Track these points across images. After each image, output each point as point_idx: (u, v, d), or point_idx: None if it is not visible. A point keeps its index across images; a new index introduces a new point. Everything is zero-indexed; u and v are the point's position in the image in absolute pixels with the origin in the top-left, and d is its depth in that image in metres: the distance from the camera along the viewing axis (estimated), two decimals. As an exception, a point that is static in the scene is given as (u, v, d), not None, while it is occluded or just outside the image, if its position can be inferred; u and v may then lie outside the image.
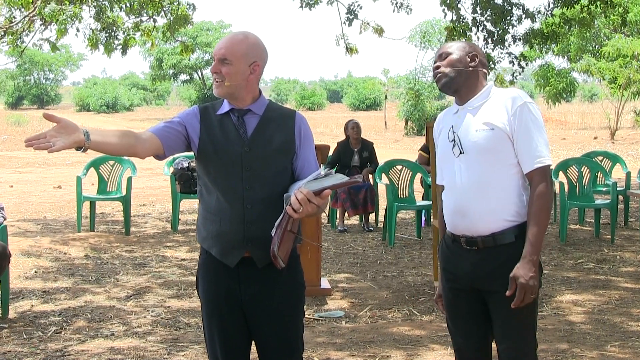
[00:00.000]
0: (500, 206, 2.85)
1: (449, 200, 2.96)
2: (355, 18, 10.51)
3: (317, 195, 2.61)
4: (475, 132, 2.86)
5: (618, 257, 7.62)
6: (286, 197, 2.70)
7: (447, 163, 2.96)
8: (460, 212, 2.90)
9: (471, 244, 2.90)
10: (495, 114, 2.85)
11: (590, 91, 60.86)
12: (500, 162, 2.85)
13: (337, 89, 76.60)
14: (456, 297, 3.00)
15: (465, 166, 2.88)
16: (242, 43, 2.80)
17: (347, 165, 9.31)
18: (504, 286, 2.83)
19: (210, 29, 50.98)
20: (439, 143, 3.05)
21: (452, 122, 2.96)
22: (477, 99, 2.92)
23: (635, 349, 4.80)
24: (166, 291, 6.34)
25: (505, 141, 2.83)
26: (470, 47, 2.98)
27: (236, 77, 2.79)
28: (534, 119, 2.84)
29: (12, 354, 4.71)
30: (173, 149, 2.84)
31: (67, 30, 10.13)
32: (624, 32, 26.43)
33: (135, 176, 9.26)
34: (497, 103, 2.87)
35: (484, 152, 2.84)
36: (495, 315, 2.91)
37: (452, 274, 2.99)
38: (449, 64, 2.92)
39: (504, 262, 2.85)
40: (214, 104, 2.91)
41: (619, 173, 10.64)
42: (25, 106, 62.12)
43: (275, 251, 2.68)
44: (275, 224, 2.69)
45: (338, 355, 4.71)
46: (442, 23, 27.69)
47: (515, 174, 2.86)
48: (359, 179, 2.74)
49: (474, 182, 2.86)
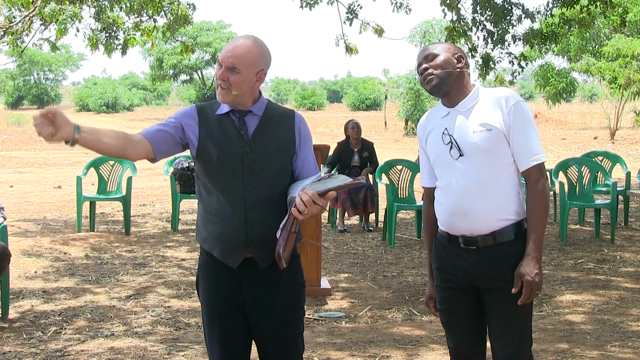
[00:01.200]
0: (500, 205, 2.87)
1: (446, 201, 2.95)
2: (356, 18, 10.50)
3: (322, 196, 2.63)
4: (473, 133, 2.86)
5: (618, 257, 7.62)
6: (290, 198, 2.71)
7: (444, 165, 2.95)
8: (460, 213, 2.89)
9: (470, 243, 2.91)
10: (490, 114, 2.86)
11: (590, 91, 60.89)
12: (499, 162, 2.86)
13: (337, 89, 76.66)
14: (453, 296, 3.00)
15: (464, 167, 2.88)
16: (251, 51, 2.77)
17: (347, 165, 9.31)
18: (504, 283, 2.85)
19: (210, 29, 51.02)
20: (430, 146, 3.02)
21: (444, 125, 2.95)
22: (468, 100, 2.92)
23: (635, 349, 4.80)
24: (166, 291, 6.34)
25: (502, 141, 2.85)
26: (455, 48, 2.99)
27: (243, 85, 2.77)
28: (527, 117, 2.87)
29: (12, 354, 4.71)
30: (164, 152, 2.83)
31: (67, 30, 10.13)
32: (624, 32, 26.43)
33: (135, 176, 9.26)
34: (490, 103, 2.89)
35: (484, 153, 2.85)
36: (493, 312, 2.92)
37: (449, 272, 2.99)
38: (437, 65, 2.91)
39: (504, 260, 2.87)
40: (212, 104, 2.89)
41: (619, 173, 10.64)
42: (25, 106, 62.16)
43: (281, 253, 2.69)
44: (280, 226, 2.69)
45: (338, 355, 4.71)
46: (442, 23, 27.67)
47: (512, 172, 2.89)
48: (362, 180, 2.75)
49: (474, 182, 2.86)
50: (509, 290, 2.84)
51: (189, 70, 50.87)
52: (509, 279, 2.85)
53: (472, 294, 2.96)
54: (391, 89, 35.11)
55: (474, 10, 10.18)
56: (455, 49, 2.97)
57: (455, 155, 2.90)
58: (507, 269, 2.86)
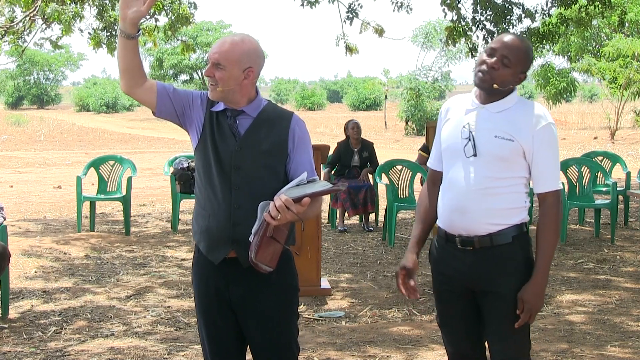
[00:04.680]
0: (501, 209, 2.84)
1: (448, 197, 2.91)
2: (356, 17, 10.49)
3: (297, 202, 2.57)
4: (494, 137, 2.82)
5: (618, 257, 7.62)
6: (264, 204, 2.66)
7: (454, 158, 2.90)
8: (459, 211, 2.86)
9: (467, 243, 2.87)
10: (517, 126, 2.81)
11: (590, 91, 60.83)
12: (510, 171, 2.83)
13: (337, 89, 76.52)
14: (449, 299, 2.98)
15: (474, 168, 2.84)
16: (236, 48, 2.76)
17: (347, 165, 9.31)
18: (500, 286, 2.83)
19: (210, 29, 51.00)
20: (446, 133, 2.95)
21: (467, 119, 2.88)
22: (501, 103, 2.86)
23: (636, 349, 4.80)
24: (166, 291, 6.34)
25: (520, 155, 2.81)
26: (524, 64, 2.86)
27: (229, 82, 2.76)
28: (553, 142, 2.83)
29: (12, 354, 4.71)
30: (164, 112, 2.85)
31: (72, 28, 10.12)
32: (624, 32, 26.41)
33: (135, 176, 9.26)
34: (521, 115, 2.83)
35: (499, 160, 2.82)
36: (489, 316, 2.89)
37: (446, 275, 2.96)
38: (502, 75, 2.81)
39: (500, 263, 2.84)
40: (212, 100, 2.89)
41: (619, 173, 10.64)
42: (25, 106, 62.07)
43: (253, 258, 2.65)
44: (253, 231, 2.66)
45: (338, 355, 4.71)
46: (444, 24, 27.62)
47: (521, 183, 2.86)
48: (341, 187, 2.70)
49: (480, 184, 2.83)
50: (505, 294, 2.82)
51: (189, 70, 50.86)
52: (506, 282, 2.83)
53: (468, 298, 2.93)
54: (391, 89, 35.07)
55: (474, 9, 10.18)
56: (524, 65, 2.86)
57: (469, 153, 2.85)
58: (503, 273, 2.83)
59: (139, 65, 2.78)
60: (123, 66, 2.78)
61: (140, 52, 2.97)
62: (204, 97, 2.88)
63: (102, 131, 31.71)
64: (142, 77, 2.80)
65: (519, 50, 2.83)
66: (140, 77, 2.80)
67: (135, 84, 2.80)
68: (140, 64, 2.79)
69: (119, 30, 2.78)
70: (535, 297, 2.79)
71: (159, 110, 2.84)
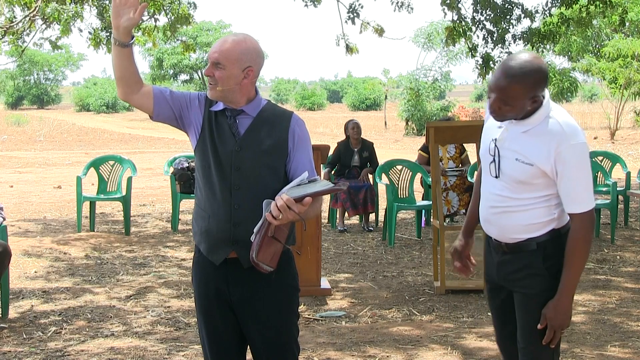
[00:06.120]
0: (525, 225, 2.86)
1: (481, 203, 3.00)
2: (357, 17, 10.49)
3: (299, 202, 2.57)
4: (515, 161, 2.80)
5: (618, 257, 7.62)
6: (266, 202, 2.66)
7: (485, 169, 2.95)
8: (487, 221, 2.97)
9: (497, 247, 2.97)
10: (538, 149, 2.75)
11: (591, 91, 60.81)
12: (531, 192, 2.82)
13: (337, 89, 76.52)
14: (491, 291, 3.09)
15: (497, 188, 2.89)
16: (236, 47, 2.76)
17: (347, 165, 9.31)
18: (522, 288, 2.90)
19: (210, 29, 50.98)
20: (482, 139, 2.97)
21: (497, 134, 2.88)
22: (528, 122, 2.79)
23: (636, 349, 4.80)
24: (166, 291, 6.34)
25: (540, 176, 2.78)
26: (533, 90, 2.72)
27: (228, 81, 2.76)
28: (579, 161, 2.74)
29: (12, 354, 4.71)
30: (161, 116, 2.85)
31: (70, 28, 10.12)
32: (624, 32, 26.40)
33: (135, 176, 9.26)
34: (546, 135, 2.75)
35: (517, 183, 2.83)
36: (516, 314, 2.96)
37: (488, 267, 3.06)
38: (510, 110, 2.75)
39: (523, 267, 2.89)
40: (211, 100, 2.89)
41: (619, 173, 10.63)
42: (25, 106, 62.08)
43: (254, 258, 2.65)
44: (255, 230, 2.66)
45: (338, 355, 4.71)
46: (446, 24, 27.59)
47: (545, 200, 2.83)
48: (342, 187, 2.70)
49: (502, 203, 2.88)
50: (525, 295, 2.88)
51: (189, 70, 50.85)
52: (526, 284, 2.88)
53: (503, 292, 3.00)
54: (391, 89, 35.06)
55: (474, 9, 10.19)
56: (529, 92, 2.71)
57: (493, 173, 2.89)
58: (523, 276, 2.89)
59: (134, 73, 2.78)
60: (119, 74, 2.78)
61: (140, 52, 3.00)
62: (202, 97, 2.88)
63: (102, 131, 31.72)
64: (138, 84, 2.80)
65: (517, 85, 2.70)
66: (137, 84, 2.80)
67: (132, 91, 2.80)
68: (136, 70, 2.79)
69: (112, 39, 2.77)
70: (557, 314, 2.81)
71: (157, 114, 2.84)
